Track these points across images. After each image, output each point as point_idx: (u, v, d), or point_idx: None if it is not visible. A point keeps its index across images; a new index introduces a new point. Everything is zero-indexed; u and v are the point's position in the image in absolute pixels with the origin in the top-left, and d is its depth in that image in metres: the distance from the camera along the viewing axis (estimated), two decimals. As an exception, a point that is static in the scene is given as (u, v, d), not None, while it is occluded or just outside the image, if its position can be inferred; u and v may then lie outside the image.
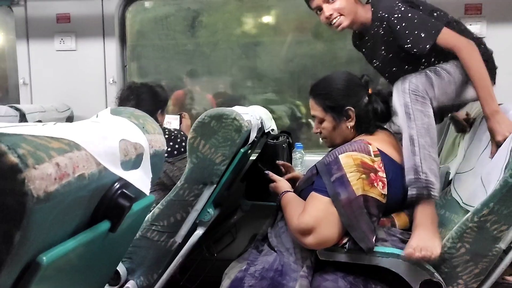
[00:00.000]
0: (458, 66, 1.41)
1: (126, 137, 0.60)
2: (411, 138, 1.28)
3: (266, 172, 1.52)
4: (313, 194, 1.25)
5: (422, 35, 1.40)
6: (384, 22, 1.47)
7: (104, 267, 0.72)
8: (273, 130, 2.06)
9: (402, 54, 1.48)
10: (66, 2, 2.42)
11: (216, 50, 2.84)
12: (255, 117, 1.64)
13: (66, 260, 0.52)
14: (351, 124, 1.35)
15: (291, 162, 2.05)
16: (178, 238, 1.44)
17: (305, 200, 1.29)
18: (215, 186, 1.42)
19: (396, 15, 1.42)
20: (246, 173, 2.01)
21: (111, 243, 0.65)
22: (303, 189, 1.38)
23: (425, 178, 1.26)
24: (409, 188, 1.26)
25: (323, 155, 1.39)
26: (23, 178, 0.40)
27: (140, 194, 0.62)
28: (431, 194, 1.25)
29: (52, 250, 0.48)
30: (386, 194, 1.22)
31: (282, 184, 1.46)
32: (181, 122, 2.29)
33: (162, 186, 1.92)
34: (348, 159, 1.22)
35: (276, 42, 2.83)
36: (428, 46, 1.40)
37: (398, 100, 1.33)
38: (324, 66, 2.70)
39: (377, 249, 1.20)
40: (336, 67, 2.70)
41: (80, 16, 2.42)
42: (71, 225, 0.52)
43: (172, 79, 3.02)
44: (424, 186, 1.25)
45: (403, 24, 1.41)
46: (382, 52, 1.54)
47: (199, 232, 1.49)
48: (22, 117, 1.91)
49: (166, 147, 1.91)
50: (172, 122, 2.27)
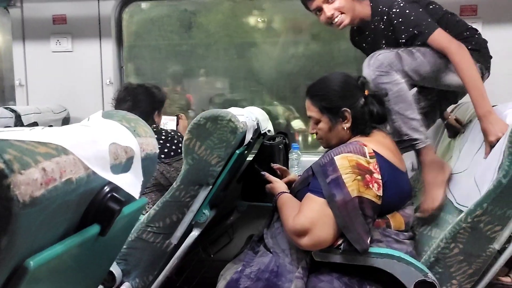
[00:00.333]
0: (436, 51, 1.48)
1: (117, 140, 0.60)
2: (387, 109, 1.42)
3: (262, 173, 1.52)
4: (308, 195, 1.25)
5: (416, 33, 1.46)
6: (384, 17, 1.53)
7: (96, 270, 0.72)
8: (269, 131, 2.06)
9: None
10: (62, 4, 2.42)
11: (211, 51, 2.84)
12: (251, 118, 1.64)
13: (55, 264, 0.52)
14: (347, 125, 1.35)
15: (288, 163, 2.05)
16: (174, 240, 1.44)
17: (301, 201, 1.29)
18: (211, 187, 1.42)
19: (394, 10, 1.49)
20: (243, 174, 2.01)
21: (102, 247, 0.65)
22: (299, 190, 1.38)
23: (408, 138, 1.45)
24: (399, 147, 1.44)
25: (320, 156, 1.39)
26: (9, 184, 0.40)
27: (131, 197, 0.62)
28: (416, 148, 1.46)
29: (40, 254, 0.48)
30: (381, 195, 1.22)
31: (278, 185, 1.46)
32: (178, 123, 2.29)
33: (159, 187, 1.92)
34: (343, 161, 1.22)
35: (270, 43, 2.83)
36: (418, 44, 1.45)
37: (367, 75, 1.45)
38: (318, 68, 2.70)
39: (372, 250, 1.20)
40: (332, 68, 2.70)
41: (76, 17, 2.42)
42: (60, 229, 0.52)
43: (167, 79, 3.02)
44: (408, 145, 1.46)
45: (400, 19, 1.47)
46: (383, 46, 1.57)
47: (195, 233, 1.49)
48: (18, 118, 1.90)
49: (163, 148, 1.92)
50: (168, 123, 2.28)
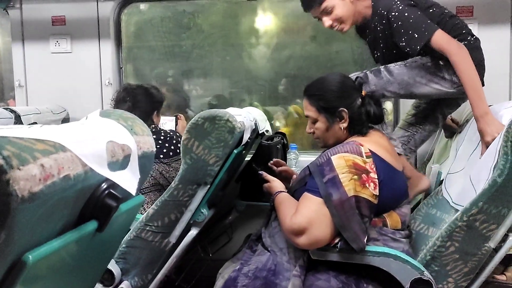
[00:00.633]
0: (406, 67, 1.54)
1: (114, 138, 0.61)
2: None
3: (260, 172, 1.52)
4: (305, 194, 1.26)
5: (416, 36, 1.45)
6: (383, 20, 1.53)
7: (94, 267, 0.73)
8: (267, 131, 2.07)
9: (398, 50, 1.53)
10: (61, 5, 2.43)
11: (210, 51, 2.86)
12: (249, 118, 1.65)
13: (53, 259, 0.53)
14: (344, 125, 1.36)
15: (286, 162, 2.06)
16: (172, 239, 1.45)
17: (298, 200, 1.30)
18: (209, 186, 1.43)
19: (393, 13, 1.49)
20: (241, 173, 2.02)
21: (100, 243, 0.66)
22: (297, 189, 1.39)
23: None
24: None
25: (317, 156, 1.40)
26: (8, 179, 0.41)
27: (128, 194, 0.63)
28: None
29: (38, 249, 0.49)
30: (378, 194, 1.23)
31: (276, 184, 1.47)
32: (176, 124, 2.30)
33: (158, 187, 1.93)
34: (340, 160, 1.23)
35: (267, 44, 2.84)
36: (419, 47, 1.44)
37: None
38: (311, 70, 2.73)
39: (368, 248, 1.21)
40: (329, 70, 2.71)
41: (75, 18, 2.43)
42: (58, 224, 0.52)
43: (166, 80, 3.03)
44: None
45: (399, 23, 1.47)
46: (381, 46, 1.61)
47: (193, 232, 1.50)
48: (17, 119, 1.91)
49: (162, 148, 1.93)
50: (167, 123, 2.29)
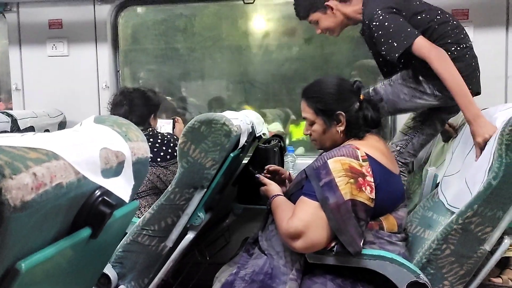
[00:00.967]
0: (390, 86, 1.59)
1: (108, 145, 0.61)
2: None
3: (257, 175, 1.53)
4: (302, 198, 1.26)
5: (395, 44, 1.47)
6: (367, 28, 1.58)
7: (88, 273, 0.73)
8: (264, 134, 2.07)
9: (382, 57, 1.58)
10: (58, 8, 2.43)
11: (207, 54, 2.86)
12: (246, 121, 1.65)
13: (47, 266, 0.53)
14: (341, 128, 1.36)
15: (283, 166, 2.06)
16: (169, 243, 1.45)
17: (294, 203, 1.30)
18: (206, 190, 1.43)
19: (374, 23, 1.52)
20: (238, 177, 2.02)
21: (95, 249, 0.66)
22: (293, 193, 1.39)
23: None
24: None
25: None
26: (0, 188, 0.41)
27: (122, 200, 0.63)
28: None
29: (31, 257, 0.49)
30: (374, 198, 1.23)
31: (273, 187, 1.47)
32: (174, 127, 2.30)
33: (156, 190, 1.93)
34: (336, 164, 1.23)
35: (265, 46, 2.85)
36: (397, 55, 1.47)
37: None
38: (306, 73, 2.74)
39: (364, 251, 1.21)
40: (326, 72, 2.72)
41: (72, 22, 2.43)
42: (51, 232, 0.53)
43: (164, 84, 3.04)
44: None
45: (380, 32, 1.50)
46: (370, 50, 1.68)
47: (190, 236, 1.49)
48: (14, 122, 1.90)
49: (159, 152, 1.93)
50: (164, 126, 2.29)
